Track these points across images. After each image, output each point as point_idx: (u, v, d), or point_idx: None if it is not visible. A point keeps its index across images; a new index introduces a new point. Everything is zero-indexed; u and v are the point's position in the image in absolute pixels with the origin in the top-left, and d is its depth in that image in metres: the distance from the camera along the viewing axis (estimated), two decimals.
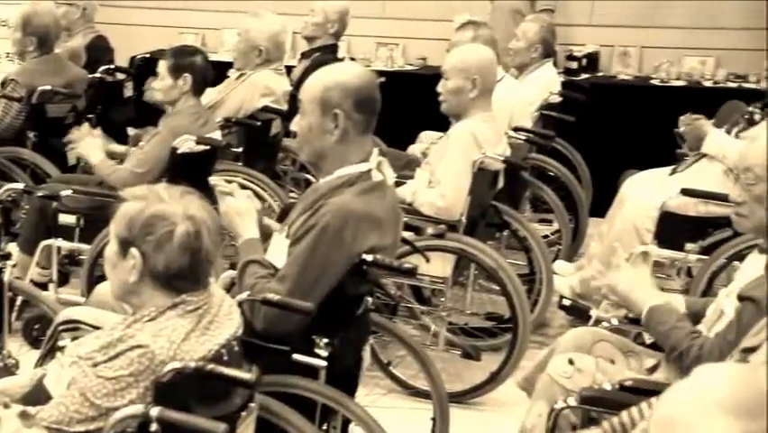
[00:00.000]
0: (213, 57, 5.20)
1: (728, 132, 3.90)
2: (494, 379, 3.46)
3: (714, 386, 1.09)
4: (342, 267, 2.36)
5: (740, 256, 3.04)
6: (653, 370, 2.39)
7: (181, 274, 1.93)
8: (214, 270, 3.23)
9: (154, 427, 1.82)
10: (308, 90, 2.46)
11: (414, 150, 4.51)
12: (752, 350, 1.78)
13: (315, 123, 2.43)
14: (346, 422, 2.50)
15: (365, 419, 2.36)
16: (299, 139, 2.51)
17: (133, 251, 1.93)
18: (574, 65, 5.99)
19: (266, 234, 2.56)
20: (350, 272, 2.38)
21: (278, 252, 2.43)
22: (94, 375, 1.88)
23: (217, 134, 3.96)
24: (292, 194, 4.56)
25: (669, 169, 4.10)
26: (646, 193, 3.94)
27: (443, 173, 3.52)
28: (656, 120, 4.62)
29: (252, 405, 2.08)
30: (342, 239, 2.33)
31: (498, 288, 3.53)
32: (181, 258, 1.92)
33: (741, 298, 2.08)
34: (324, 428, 2.48)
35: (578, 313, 2.82)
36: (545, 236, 4.60)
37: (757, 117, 3.79)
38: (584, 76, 5.94)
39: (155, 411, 1.82)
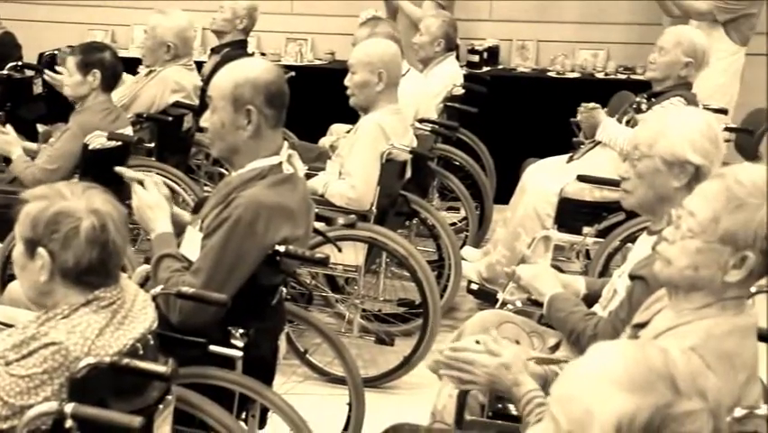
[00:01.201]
0: (123, 53, 5.07)
1: (619, 120, 4.00)
2: (407, 363, 3.48)
3: (608, 364, 1.12)
4: (256, 258, 2.33)
5: (632, 238, 3.12)
6: (555, 348, 2.43)
7: (92, 269, 1.87)
8: (129, 264, 3.18)
9: (69, 423, 1.76)
10: (218, 87, 2.41)
11: (324, 142, 4.49)
12: (642, 326, 1.83)
13: (227, 119, 2.39)
14: (265, 410, 2.47)
15: (282, 407, 2.35)
16: (211, 135, 2.46)
17: (41, 250, 1.86)
18: (476, 58, 6.04)
19: (176, 224, 2.51)
20: (263, 263, 2.35)
21: (192, 245, 2.39)
22: (7, 374, 1.81)
23: (129, 130, 3.86)
24: (206, 188, 4.49)
25: (566, 157, 4.19)
26: (546, 180, 4.00)
27: (352, 165, 3.52)
28: (553, 110, 4.70)
29: (169, 398, 2.04)
30: (255, 231, 2.30)
31: (408, 274, 3.54)
32: (90, 252, 1.86)
33: (632, 277, 2.14)
34: (243, 417, 2.45)
35: (485, 296, 2.84)
36: (453, 224, 4.65)
37: (644, 107, 3.90)
38: (485, 69, 6.00)
39: (69, 407, 1.76)
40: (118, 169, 2.62)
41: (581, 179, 3.77)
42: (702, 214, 1.69)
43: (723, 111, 4.27)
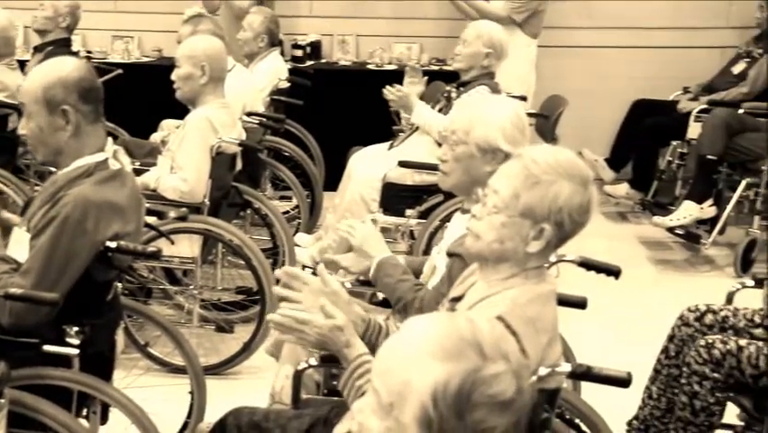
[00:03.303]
0: None
1: (432, 108, 4.11)
2: (247, 349, 3.44)
3: (422, 336, 1.14)
4: (87, 256, 2.22)
5: (451, 218, 3.21)
6: None
7: None
8: None
9: None
10: (29, 92, 2.26)
11: (155, 138, 4.35)
12: (458, 299, 1.89)
13: (44, 123, 2.25)
14: (106, 406, 2.36)
15: (122, 401, 2.26)
16: (31, 141, 2.31)
17: None
18: (299, 53, 6.04)
19: (6, 228, 2.35)
20: (95, 260, 2.25)
21: (20, 246, 2.25)
22: None
23: None
24: (37, 187, 4.23)
25: (387, 144, 4.26)
26: (370, 167, 4.06)
27: (183, 159, 3.43)
28: (374, 101, 4.75)
29: (2, 401, 1.91)
30: (85, 228, 2.20)
31: (244, 263, 3.50)
32: None
33: (450, 254, 2.20)
34: (84, 414, 2.34)
35: None
36: (285, 212, 4.63)
37: (453, 95, 4.03)
38: (309, 63, 6.00)
39: None
40: None
41: (402, 164, 3.84)
42: (504, 191, 1.76)
43: (523, 98, 4.47)
